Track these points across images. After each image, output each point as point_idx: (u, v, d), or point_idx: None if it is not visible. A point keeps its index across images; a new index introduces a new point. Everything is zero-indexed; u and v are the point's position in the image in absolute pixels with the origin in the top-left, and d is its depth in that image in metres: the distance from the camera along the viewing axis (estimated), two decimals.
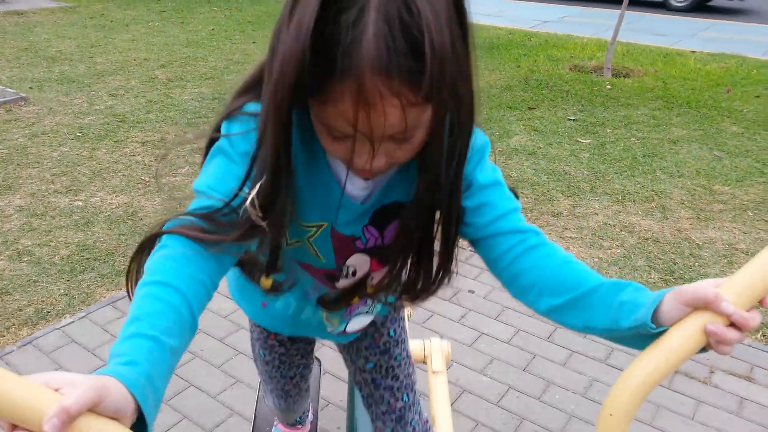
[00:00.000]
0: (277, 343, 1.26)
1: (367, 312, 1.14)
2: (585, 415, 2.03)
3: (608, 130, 4.65)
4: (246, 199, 0.72)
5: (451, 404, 1.99)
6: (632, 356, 0.71)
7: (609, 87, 5.65)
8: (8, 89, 4.96)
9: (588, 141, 4.45)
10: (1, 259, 2.76)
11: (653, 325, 0.67)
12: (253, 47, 6.84)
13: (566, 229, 3.23)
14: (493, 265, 0.84)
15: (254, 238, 0.75)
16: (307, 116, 0.71)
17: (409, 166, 0.80)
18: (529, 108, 5.11)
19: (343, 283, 0.98)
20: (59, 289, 2.57)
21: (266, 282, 0.96)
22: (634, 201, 3.56)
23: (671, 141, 4.45)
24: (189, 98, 5.10)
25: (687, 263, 2.92)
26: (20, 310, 2.43)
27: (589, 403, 2.08)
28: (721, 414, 2.04)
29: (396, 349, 1.24)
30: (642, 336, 0.69)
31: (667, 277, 2.81)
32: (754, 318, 0.63)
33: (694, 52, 7.18)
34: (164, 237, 0.74)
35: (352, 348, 1.26)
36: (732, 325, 0.63)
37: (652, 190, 3.68)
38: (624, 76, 5.99)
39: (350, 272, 0.96)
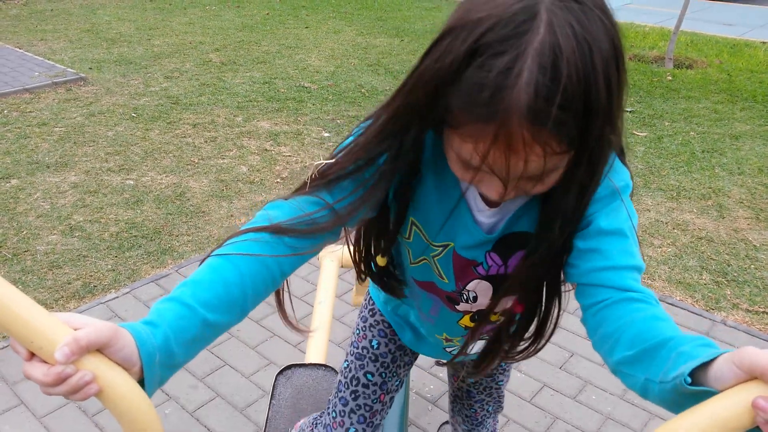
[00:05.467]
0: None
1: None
2: (622, 418, 1.96)
3: (666, 123, 4.46)
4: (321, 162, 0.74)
5: None
6: None
7: (670, 78, 5.41)
8: (69, 69, 5.14)
9: (644, 134, 4.28)
10: (54, 234, 2.88)
11: (689, 379, 0.57)
12: (306, 32, 6.87)
13: None
14: (584, 310, 0.77)
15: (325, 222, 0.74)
16: (440, 139, 0.72)
17: (540, 197, 0.78)
18: None
19: (463, 306, 0.95)
20: (107, 265, 2.66)
21: (381, 260, 0.96)
22: (689, 198, 3.40)
23: (733, 136, 4.23)
24: (240, 82, 5.16)
25: (742, 265, 2.78)
26: (69, 284, 2.52)
27: (627, 405, 2.01)
28: None
29: (501, 376, 1.29)
30: (686, 396, 0.58)
31: (720, 278, 2.68)
32: None
33: (764, 43, 6.79)
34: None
35: (459, 363, 1.24)
36: None
37: (710, 188, 3.51)
38: (687, 67, 5.73)
39: (470, 297, 0.93)
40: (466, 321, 0.99)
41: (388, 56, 6.03)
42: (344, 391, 1.15)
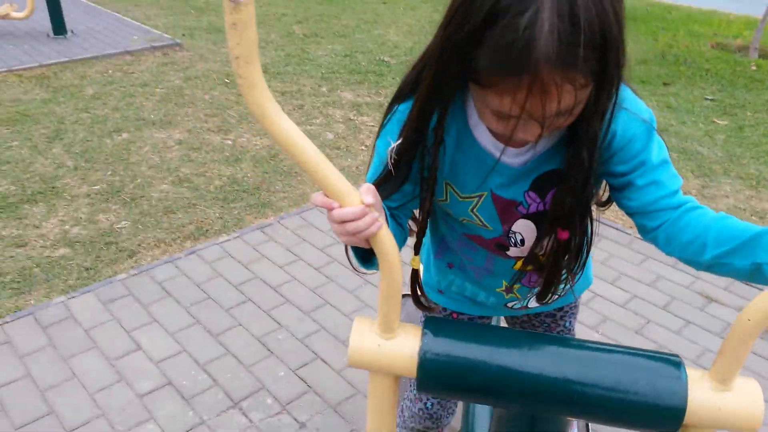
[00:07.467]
0: None
1: None
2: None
3: (749, 113, 4.42)
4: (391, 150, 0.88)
5: None
6: None
7: (754, 68, 5.31)
8: (165, 35, 5.45)
9: (725, 122, 4.26)
10: (165, 183, 3.16)
11: None
12: (383, 8, 7.00)
13: None
14: (649, 231, 0.89)
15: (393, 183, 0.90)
16: (456, 97, 0.85)
17: (569, 136, 0.86)
18: (664, 84, 4.93)
19: (513, 251, 1.02)
20: (215, 213, 2.91)
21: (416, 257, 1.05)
22: None
23: None
24: (323, 54, 5.36)
25: None
26: (183, 227, 2.79)
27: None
28: None
29: (569, 318, 1.34)
30: None
31: None
32: None
33: None
34: None
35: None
36: None
37: None
38: None
39: (518, 240, 1.00)
40: (519, 266, 1.06)
41: None
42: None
